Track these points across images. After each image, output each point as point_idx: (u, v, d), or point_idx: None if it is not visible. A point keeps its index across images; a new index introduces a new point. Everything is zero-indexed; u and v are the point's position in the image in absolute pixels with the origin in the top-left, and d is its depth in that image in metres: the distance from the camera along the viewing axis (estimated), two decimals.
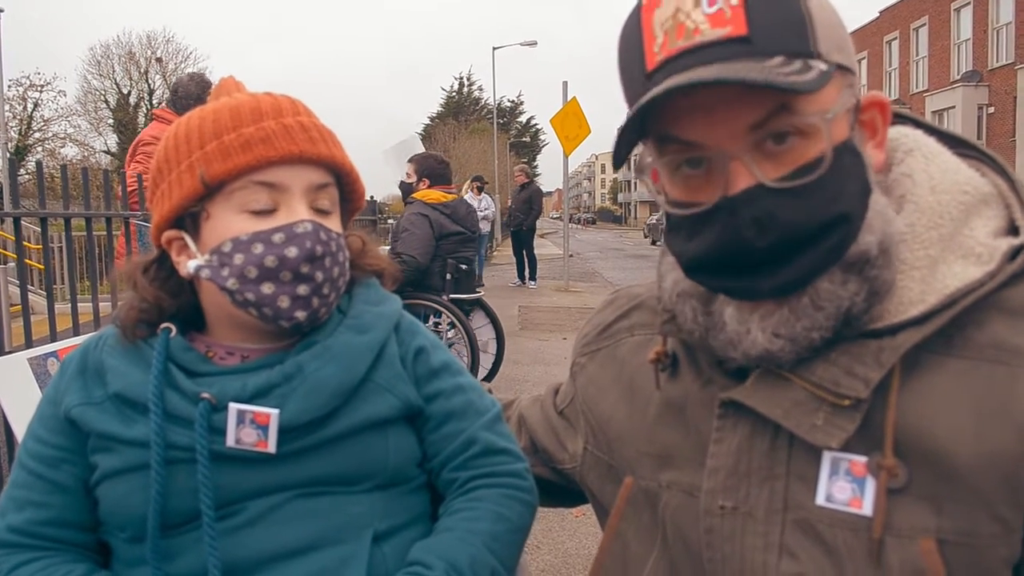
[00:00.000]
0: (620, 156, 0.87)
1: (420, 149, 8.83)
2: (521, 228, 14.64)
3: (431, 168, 5.92)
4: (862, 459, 0.83)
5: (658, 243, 47.31)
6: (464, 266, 5.86)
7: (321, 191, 1.02)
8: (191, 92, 5.30)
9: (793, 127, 0.81)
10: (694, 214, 0.84)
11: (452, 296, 5.76)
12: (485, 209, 14.60)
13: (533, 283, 14.69)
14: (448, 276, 5.73)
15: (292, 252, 0.96)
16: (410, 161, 6.10)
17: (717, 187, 0.82)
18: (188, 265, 1.01)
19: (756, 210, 0.79)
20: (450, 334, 5.79)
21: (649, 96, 0.80)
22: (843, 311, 0.83)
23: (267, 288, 0.96)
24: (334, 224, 1.03)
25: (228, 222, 0.98)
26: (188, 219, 1.01)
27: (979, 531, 0.79)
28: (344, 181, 1.06)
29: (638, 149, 0.92)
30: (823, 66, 0.80)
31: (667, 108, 0.82)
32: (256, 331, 1.03)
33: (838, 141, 0.82)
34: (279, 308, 0.97)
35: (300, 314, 0.98)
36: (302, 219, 0.98)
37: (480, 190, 14.86)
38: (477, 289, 6.24)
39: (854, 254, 0.82)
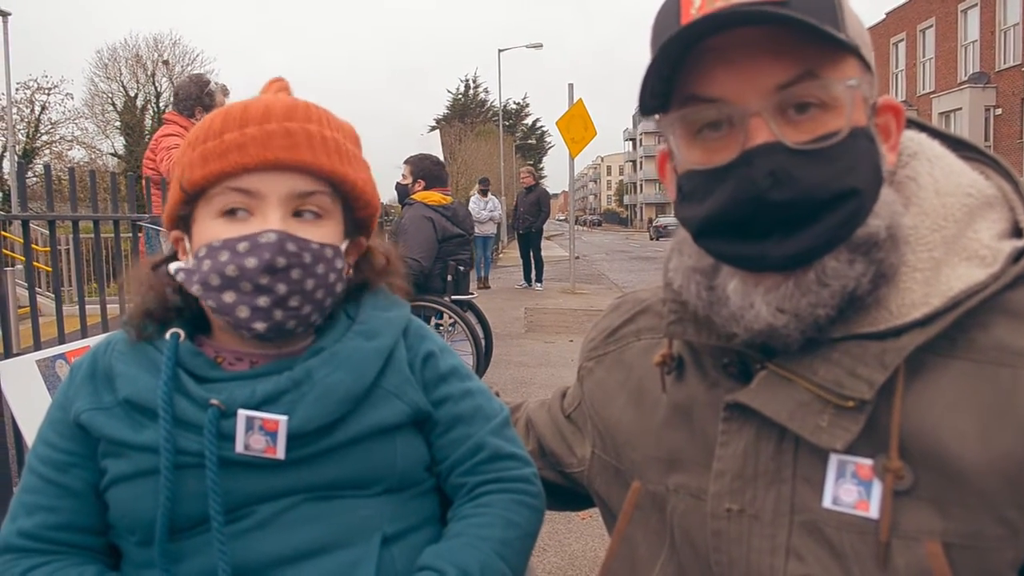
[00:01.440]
0: (646, 102, 0.88)
1: (437, 145, 8.84)
2: (531, 230, 14.63)
3: (427, 170, 5.92)
4: (868, 462, 0.84)
5: (661, 239, 47.37)
6: (462, 268, 5.88)
7: (307, 198, 0.99)
8: (191, 93, 5.43)
9: (816, 97, 0.82)
10: (712, 168, 0.85)
11: (452, 297, 5.79)
12: (492, 211, 14.61)
13: (539, 285, 14.68)
14: (448, 277, 5.75)
15: (251, 263, 0.95)
16: (406, 163, 6.10)
17: (736, 145, 0.83)
18: (171, 267, 1.02)
19: (772, 163, 0.81)
20: (452, 333, 5.81)
21: (690, 22, 0.81)
22: (848, 291, 0.84)
23: (228, 297, 0.96)
24: (323, 233, 1.00)
25: (207, 227, 0.99)
26: (182, 221, 1.04)
27: (984, 534, 0.79)
28: (340, 189, 1.03)
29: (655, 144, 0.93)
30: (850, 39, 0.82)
31: (694, 67, 0.84)
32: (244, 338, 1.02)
33: (856, 124, 0.84)
34: (239, 318, 0.96)
35: (259, 325, 0.96)
36: (267, 228, 0.96)
37: (485, 192, 14.87)
38: (472, 291, 6.27)
39: (862, 236, 0.83)
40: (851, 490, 0.84)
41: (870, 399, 0.82)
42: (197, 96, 5.40)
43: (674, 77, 0.86)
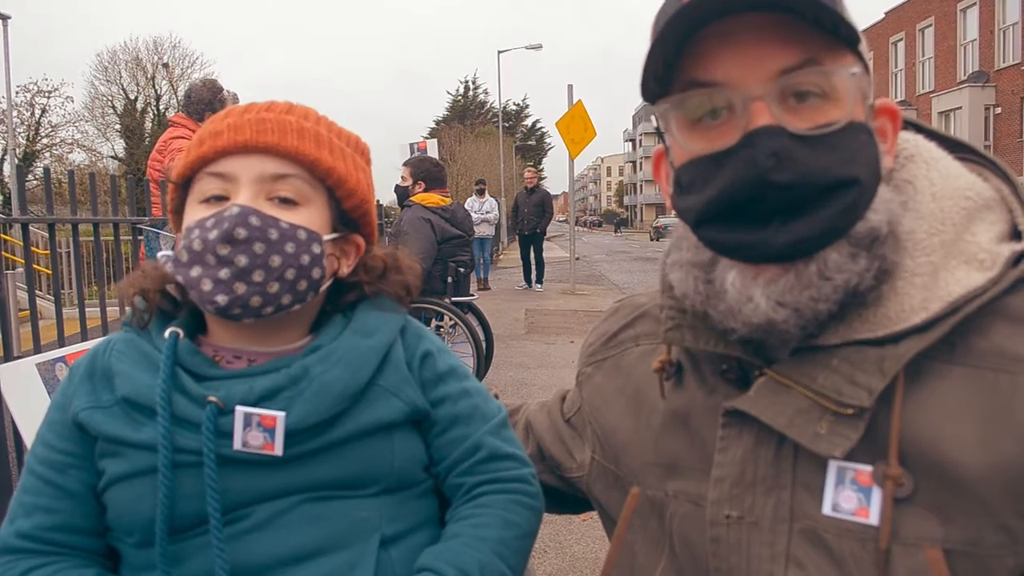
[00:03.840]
0: (648, 86, 0.88)
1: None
2: (535, 231, 14.54)
3: (427, 171, 5.94)
4: (867, 468, 0.83)
5: (662, 239, 47.30)
6: (462, 269, 5.88)
7: (280, 181, 1.01)
8: (203, 97, 5.41)
9: (817, 86, 0.82)
10: (712, 154, 0.84)
11: (452, 299, 5.79)
12: (487, 212, 14.59)
13: (540, 286, 14.64)
14: (449, 279, 5.75)
15: (213, 234, 0.96)
16: (405, 165, 6.11)
17: (738, 130, 0.83)
18: (159, 255, 1.05)
19: (775, 144, 0.80)
20: (452, 335, 5.82)
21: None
22: (851, 286, 0.83)
23: (195, 271, 0.97)
24: (301, 218, 1.01)
25: (191, 214, 1.02)
26: (178, 217, 1.06)
27: (985, 541, 0.78)
28: (317, 175, 1.03)
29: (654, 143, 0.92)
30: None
31: (696, 52, 0.84)
32: (243, 330, 1.03)
33: (856, 118, 0.83)
34: (202, 291, 0.97)
35: (221, 298, 0.96)
36: (233, 203, 0.98)
37: (481, 192, 14.86)
38: (472, 292, 6.27)
39: (863, 230, 0.83)
40: (851, 497, 0.83)
41: (869, 406, 0.82)
42: (209, 101, 5.39)
43: (676, 63, 0.86)
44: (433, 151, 9.01)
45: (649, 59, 0.85)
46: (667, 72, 0.87)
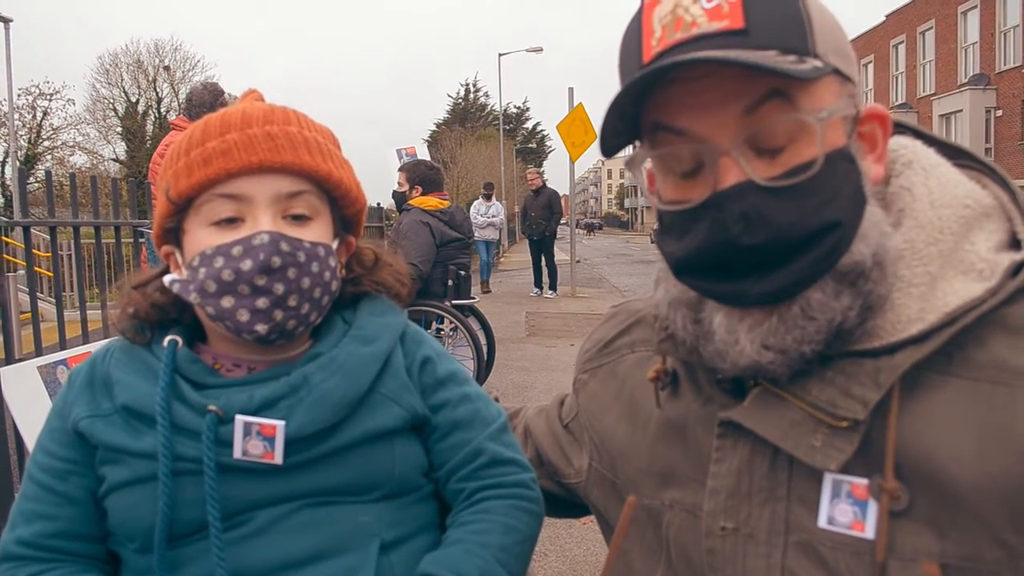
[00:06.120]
0: (607, 142, 0.87)
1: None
2: (545, 235, 14.15)
3: (423, 175, 5.93)
4: (863, 481, 0.82)
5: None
6: (463, 272, 5.88)
7: (294, 199, 1.00)
8: (204, 100, 5.41)
9: (786, 134, 0.80)
10: (683, 210, 0.84)
11: (452, 302, 5.79)
12: (494, 216, 14.57)
13: (552, 292, 14.26)
14: (449, 282, 5.75)
15: (246, 265, 0.95)
16: (400, 170, 6.11)
17: (708, 185, 0.82)
18: (164, 279, 1.03)
19: (744, 205, 0.78)
20: (453, 338, 5.82)
21: (643, 72, 0.80)
22: (835, 325, 0.82)
23: (226, 302, 0.96)
24: (315, 233, 1.01)
25: (198, 237, 0.99)
26: (172, 235, 1.04)
27: (982, 556, 0.77)
28: (325, 187, 1.04)
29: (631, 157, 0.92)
30: (819, 63, 0.80)
31: (658, 98, 0.83)
32: (246, 343, 1.02)
33: (833, 147, 0.81)
34: (239, 322, 0.97)
35: (261, 327, 0.97)
36: (260, 230, 0.97)
37: (489, 196, 14.85)
38: (473, 295, 6.27)
39: (847, 264, 0.81)
40: (846, 510, 0.82)
41: (864, 419, 0.81)
42: (210, 104, 5.39)
43: (638, 109, 0.85)
44: (423, 155, 9.01)
45: (607, 121, 0.84)
46: (629, 124, 0.86)
